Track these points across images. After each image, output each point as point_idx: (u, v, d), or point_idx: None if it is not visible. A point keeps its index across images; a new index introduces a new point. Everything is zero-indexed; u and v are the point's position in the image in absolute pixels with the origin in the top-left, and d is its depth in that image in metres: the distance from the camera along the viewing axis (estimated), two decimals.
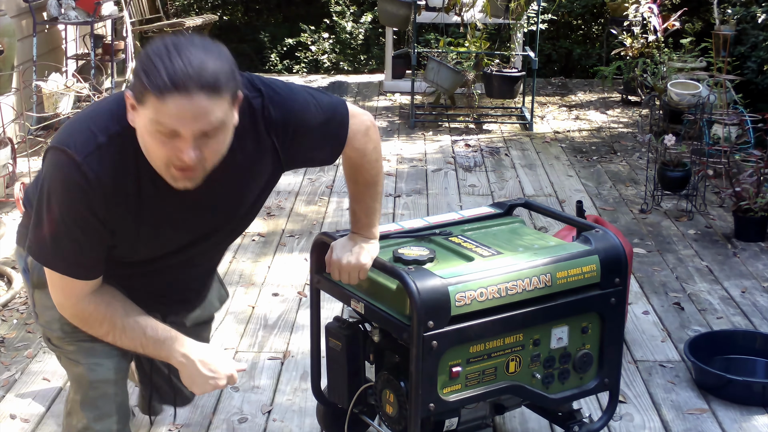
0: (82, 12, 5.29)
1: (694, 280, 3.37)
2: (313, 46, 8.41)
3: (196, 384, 1.72)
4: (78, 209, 1.58)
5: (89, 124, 1.60)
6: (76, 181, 1.55)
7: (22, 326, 2.97)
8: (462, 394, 1.89)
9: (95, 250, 1.64)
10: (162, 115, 1.46)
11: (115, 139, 1.57)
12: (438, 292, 1.81)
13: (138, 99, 1.49)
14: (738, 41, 5.53)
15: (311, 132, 1.77)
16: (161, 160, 1.54)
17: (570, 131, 5.61)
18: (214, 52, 1.50)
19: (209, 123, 1.49)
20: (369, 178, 1.94)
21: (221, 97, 1.49)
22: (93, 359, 1.75)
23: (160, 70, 1.45)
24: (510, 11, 5.64)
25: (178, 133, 1.49)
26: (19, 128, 4.72)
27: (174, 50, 1.46)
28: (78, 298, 1.67)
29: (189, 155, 1.50)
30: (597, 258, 1.99)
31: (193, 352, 1.71)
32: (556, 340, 1.99)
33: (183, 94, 1.45)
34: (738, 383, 2.52)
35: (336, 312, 2.89)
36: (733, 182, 3.84)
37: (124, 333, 1.69)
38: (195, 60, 1.46)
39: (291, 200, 4.28)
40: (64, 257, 1.62)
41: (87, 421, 1.73)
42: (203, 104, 1.47)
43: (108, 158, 1.56)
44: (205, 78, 1.46)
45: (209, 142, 1.53)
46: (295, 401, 2.53)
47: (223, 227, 1.79)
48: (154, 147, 1.52)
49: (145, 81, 1.46)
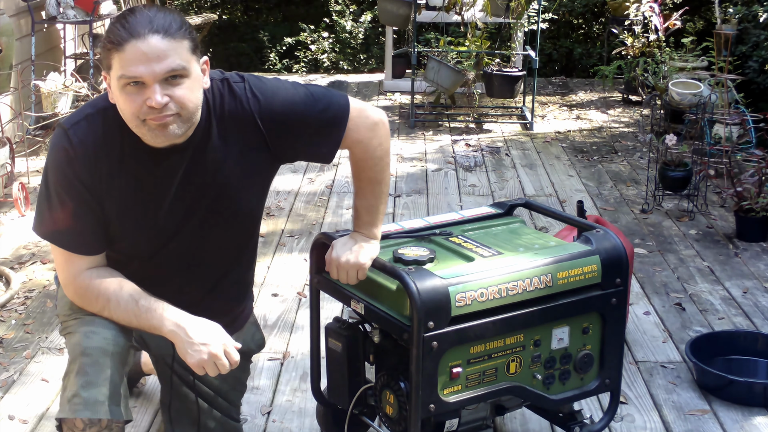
0: (81, 11, 5.28)
1: (695, 280, 3.37)
2: (312, 46, 8.40)
3: (188, 353, 1.71)
4: (66, 175, 1.70)
5: (84, 105, 1.77)
6: (63, 147, 1.70)
7: (21, 327, 2.96)
8: (462, 395, 1.88)
9: (88, 222, 1.74)
10: (124, 64, 1.61)
11: (102, 112, 1.72)
12: (438, 292, 1.80)
13: (107, 66, 1.66)
14: (739, 40, 5.52)
15: (303, 120, 1.80)
16: (134, 115, 1.65)
17: (571, 131, 5.60)
18: (167, 11, 1.67)
19: (167, 65, 1.62)
20: (372, 175, 1.94)
21: (175, 41, 1.63)
22: (90, 327, 1.76)
23: (118, 28, 1.63)
24: (510, 10, 5.62)
25: (143, 82, 1.62)
26: (18, 128, 4.71)
27: (128, 12, 1.65)
28: (77, 273, 1.76)
29: (156, 98, 1.62)
30: (598, 258, 1.98)
31: (183, 320, 1.73)
32: (556, 341, 1.98)
33: (138, 39, 1.61)
34: (739, 384, 2.51)
35: (336, 312, 2.89)
36: (735, 182, 3.83)
37: (118, 305, 1.74)
38: (149, 13, 1.64)
39: (290, 200, 4.27)
40: (61, 230, 1.73)
41: (76, 388, 1.70)
42: (158, 45, 1.61)
43: (93, 127, 1.71)
44: (157, 23, 1.63)
45: (175, 90, 1.64)
46: (295, 402, 2.52)
47: (218, 207, 1.82)
48: (125, 105, 1.65)
49: (107, 43, 1.63)
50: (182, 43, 1.64)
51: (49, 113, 4.79)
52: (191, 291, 1.90)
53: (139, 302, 1.74)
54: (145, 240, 1.81)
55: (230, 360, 1.73)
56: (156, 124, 1.65)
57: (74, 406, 1.68)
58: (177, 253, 1.85)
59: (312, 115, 1.81)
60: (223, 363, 1.71)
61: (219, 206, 1.83)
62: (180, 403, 2.05)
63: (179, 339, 1.72)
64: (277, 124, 1.79)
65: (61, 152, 1.70)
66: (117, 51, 1.62)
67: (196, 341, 1.71)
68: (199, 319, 1.75)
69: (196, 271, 1.90)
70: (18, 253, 3.57)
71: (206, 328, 1.74)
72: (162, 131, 1.66)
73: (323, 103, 1.83)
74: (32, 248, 3.62)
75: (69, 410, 1.69)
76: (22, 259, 3.51)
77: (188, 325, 1.72)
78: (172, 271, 1.88)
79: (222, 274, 1.95)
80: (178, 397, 2.05)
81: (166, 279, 1.86)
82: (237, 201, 1.85)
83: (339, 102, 1.85)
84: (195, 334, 1.71)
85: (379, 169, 1.92)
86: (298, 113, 1.80)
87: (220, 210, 1.84)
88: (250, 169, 1.82)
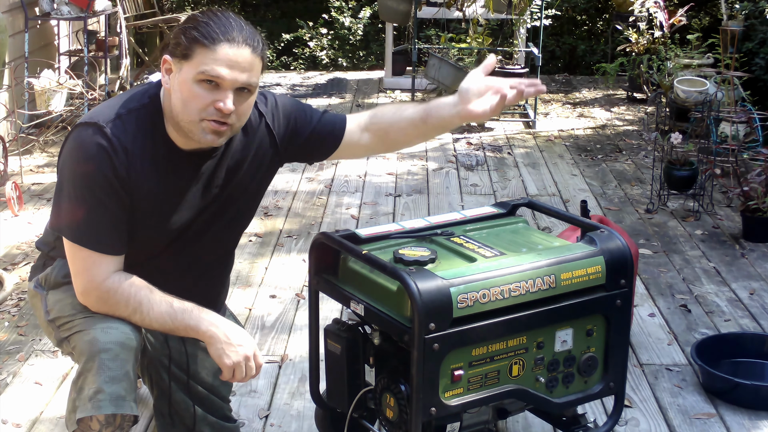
0: (75, 7, 5.24)
1: (701, 281, 3.35)
2: (311, 42, 8.36)
3: (225, 353, 1.75)
4: (102, 171, 1.70)
5: (108, 104, 1.78)
6: (101, 145, 1.70)
7: (14, 329, 2.92)
8: (464, 398, 1.86)
9: (119, 220, 1.74)
10: (210, 61, 1.67)
11: (134, 112, 1.75)
12: (439, 293, 1.79)
13: (183, 55, 1.69)
14: (746, 37, 5.49)
15: (308, 122, 1.93)
16: (197, 111, 1.69)
17: (574, 129, 5.58)
18: (249, 23, 1.75)
19: (249, 78, 1.70)
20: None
21: (259, 57, 1.72)
22: (106, 323, 1.76)
23: (211, 25, 1.68)
24: (513, 6, 5.60)
25: (221, 83, 1.68)
26: (11, 126, 4.68)
27: (221, 15, 1.72)
28: (103, 278, 1.74)
29: (228, 104, 1.69)
30: (602, 259, 1.96)
31: (219, 321, 1.78)
32: (560, 343, 1.97)
33: (232, 44, 1.68)
34: (746, 387, 2.49)
35: (335, 314, 2.86)
36: (741, 181, 3.82)
37: (151, 308, 1.75)
38: (239, 21, 1.72)
39: (289, 200, 4.24)
40: (90, 231, 1.73)
41: (98, 384, 1.68)
42: (248, 57, 1.70)
43: (128, 125, 1.73)
44: (250, 36, 1.71)
45: (243, 101, 1.72)
46: (293, 405, 2.50)
47: (225, 211, 1.89)
48: (193, 98, 1.69)
49: (197, 35, 1.68)
50: (260, 62, 1.73)
51: (43, 111, 4.77)
52: (183, 280, 1.92)
53: (173, 304, 1.76)
54: (155, 239, 1.84)
55: (257, 363, 1.79)
56: (212, 128, 1.71)
57: (98, 403, 1.67)
58: (178, 250, 1.89)
59: (316, 118, 1.97)
60: (251, 366, 1.78)
61: (227, 208, 1.90)
62: (175, 409, 2.05)
63: (217, 339, 1.75)
64: (286, 126, 1.93)
65: (94, 148, 1.70)
66: (206, 46, 1.67)
67: (233, 342, 1.75)
68: (230, 322, 1.81)
69: (192, 264, 1.94)
70: (11, 254, 3.54)
71: (239, 331, 1.79)
72: (213, 135, 1.72)
73: (323, 111, 2.00)
74: (25, 248, 3.59)
75: (92, 407, 1.67)
76: (15, 260, 3.48)
77: (225, 327, 1.77)
78: (169, 265, 1.90)
79: (214, 265, 2.00)
80: (174, 402, 2.04)
81: (161, 272, 1.87)
82: (245, 203, 1.94)
83: (339, 116, 2.01)
84: (232, 335, 1.76)
85: None
86: (305, 114, 1.95)
87: (227, 211, 1.90)
88: (263, 175, 1.93)
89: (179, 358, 2.01)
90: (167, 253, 1.88)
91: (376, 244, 2.00)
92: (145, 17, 6.92)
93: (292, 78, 7.34)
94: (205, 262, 1.96)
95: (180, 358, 2.01)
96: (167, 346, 1.99)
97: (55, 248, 1.88)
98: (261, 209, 4.05)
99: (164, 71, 1.74)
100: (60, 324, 1.84)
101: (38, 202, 4.09)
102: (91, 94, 4.81)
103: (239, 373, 1.77)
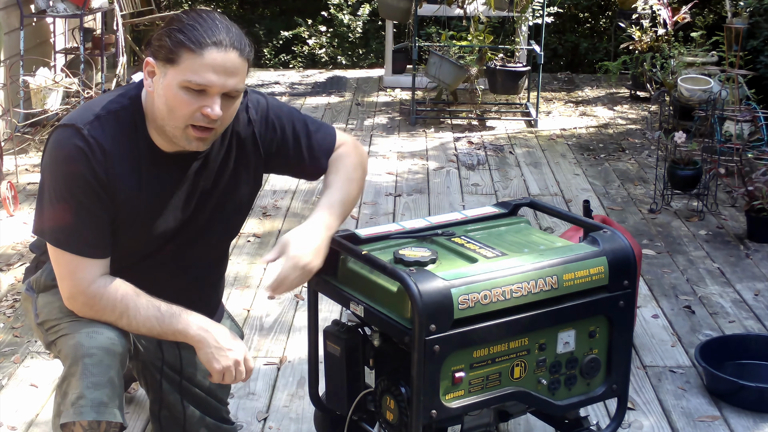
0: (71, 4, 5.21)
1: (705, 282, 3.33)
2: (310, 40, 8.33)
3: (215, 358, 1.74)
4: (81, 174, 1.67)
5: (87, 106, 1.75)
6: (79, 146, 1.67)
7: (9, 330, 2.90)
8: (465, 401, 1.85)
9: (101, 223, 1.72)
10: (197, 67, 1.63)
11: (113, 113, 1.71)
12: (440, 294, 1.77)
13: (168, 59, 1.65)
14: (751, 35, 5.47)
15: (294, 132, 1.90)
16: (183, 118, 1.66)
17: (577, 128, 5.57)
18: (233, 23, 1.70)
19: (235, 83, 1.67)
20: (345, 173, 1.95)
21: (245, 62, 1.69)
22: (91, 328, 1.74)
23: (197, 28, 1.64)
24: (514, 3, 5.57)
25: (207, 89, 1.64)
26: (6, 125, 4.66)
27: (207, 16, 1.67)
28: (89, 282, 1.71)
29: (216, 110, 1.65)
30: (605, 259, 1.95)
31: (209, 325, 1.76)
32: (562, 345, 1.95)
33: (219, 48, 1.64)
34: (751, 389, 2.48)
35: (334, 315, 2.85)
36: (746, 181, 3.81)
37: (138, 312, 1.73)
38: (224, 23, 1.68)
39: (287, 199, 4.23)
40: (73, 234, 1.70)
41: (80, 389, 1.67)
42: (236, 61, 1.66)
43: (107, 127, 1.70)
44: (237, 40, 1.67)
45: (229, 105, 1.69)
46: (292, 408, 2.49)
47: (215, 215, 1.86)
48: (178, 105, 1.65)
49: (182, 38, 1.63)
50: (246, 65, 1.70)
51: (39, 110, 4.74)
52: (174, 284, 1.90)
53: (160, 308, 1.74)
54: (142, 242, 1.81)
55: (247, 367, 1.78)
56: (197, 135, 1.69)
57: (79, 409, 1.66)
58: (169, 256, 1.87)
59: (303, 131, 1.92)
60: (242, 370, 1.76)
61: (217, 212, 1.88)
62: (169, 412, 2.04)
63: (206, 344, 1.74)
64: (271, 134, 1.89)
65: (74, 150, 1.67)
66: (192, 51, 1.63)
67: (224, 346, 1.75)
68: (220, 325, 1.80)
69: (184, 269, 1.92)
70: (6, 254, 3.53)
71: (229, 335, 1.78)
72: (198, 141, 1.70)
73: (317, 124, 1.96)
74: (21, 249, 3.57)
75: (74, 413, 1.66)
76: (11, 261, 3.46)
77: (215, 331, 1.76)
78: (160, 271, 1.88)
79: (207, 268, 1.99)
80: (167, 405, 2.03)
81: (152, 278, 1.85)
82: (235, 207, 1.91)
83: (330, 129, 1.98)
84: (221, 339, 1.75)
85: (354, 168, 1.97)
86: (290, 124, 1.90)
87: (217, 216, 1.88)
88: (251, 180, 1.90)
89: (173, 361, 2.00)
90: (158, 257, 1.86)
91: (375, 245, 1.99)
92: (142, 14, 6.88)
93: (290, 76, 7.31)
94: (197, 266, 1.94)
95: (173, 361, 2.00)
96: (160, 349, 1.98)
97: (47, 251, 1.85)
98: (259, 209, 4.04)
99: (147, 73, 1.70)
100: (48, 327, 1.82)
101: (34, 201, 4.04)
102: (88, 93, 4.79)
103: (229, 377, 1.76)
